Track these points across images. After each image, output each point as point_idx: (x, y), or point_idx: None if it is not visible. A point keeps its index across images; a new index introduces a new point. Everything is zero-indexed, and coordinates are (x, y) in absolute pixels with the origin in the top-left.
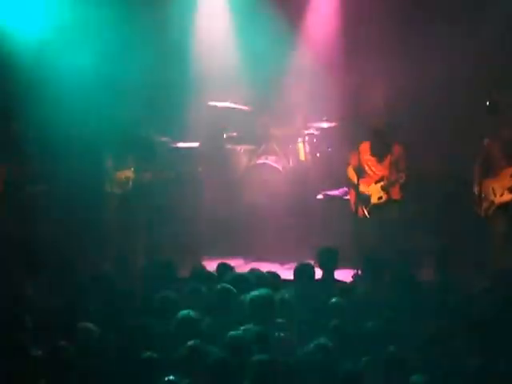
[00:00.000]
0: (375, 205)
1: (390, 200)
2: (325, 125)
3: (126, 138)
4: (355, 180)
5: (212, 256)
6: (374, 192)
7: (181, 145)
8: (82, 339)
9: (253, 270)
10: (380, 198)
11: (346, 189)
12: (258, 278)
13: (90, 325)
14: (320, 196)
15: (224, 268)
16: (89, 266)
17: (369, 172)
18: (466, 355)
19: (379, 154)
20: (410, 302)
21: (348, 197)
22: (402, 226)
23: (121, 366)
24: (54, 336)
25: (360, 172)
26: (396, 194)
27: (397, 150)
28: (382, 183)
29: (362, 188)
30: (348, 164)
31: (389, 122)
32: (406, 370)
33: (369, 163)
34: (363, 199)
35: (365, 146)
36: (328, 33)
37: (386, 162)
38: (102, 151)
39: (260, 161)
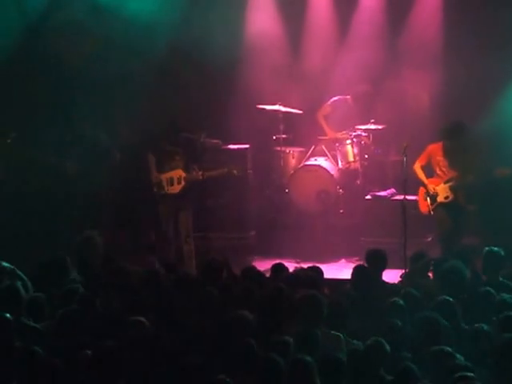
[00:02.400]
0: (440, 204)
1: (455, 200)
2: (372, 126)
3: (176, 139)
4: (424, 178)
5: (261, 256)
6: (442, 191)
7: (231, 146)
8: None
9: (298, 270)
10: (446, 197)
11: (393, 190)
12: (307, 278)
13: (142, 319)
14: (368, 197)
15: (279, 268)
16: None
17: (439, 172)
18: None
19: (452, 155)
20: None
21: (396, 197)
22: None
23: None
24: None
25: (429, 171)
26: (461, 195)
27: (470, 152)
28: (451, 183)
29: (430, 187)
30: (418, 163)
31: (462, 123)
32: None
33: (440, 164)
34: (430, 197)
35: (437, 147)
36: (377, 38)
37: (459, 163)
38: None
39: (309, 162)
